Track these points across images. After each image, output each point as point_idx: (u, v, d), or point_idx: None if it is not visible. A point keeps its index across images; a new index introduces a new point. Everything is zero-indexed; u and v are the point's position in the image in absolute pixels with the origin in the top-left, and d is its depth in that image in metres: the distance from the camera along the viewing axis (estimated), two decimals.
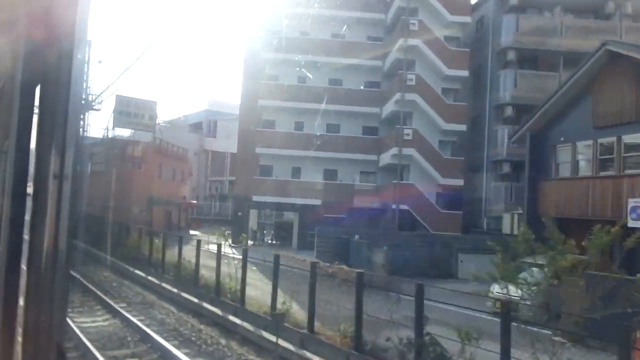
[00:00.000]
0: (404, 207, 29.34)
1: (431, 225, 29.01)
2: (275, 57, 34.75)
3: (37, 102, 1.27)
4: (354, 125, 35.35)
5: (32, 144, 1.27)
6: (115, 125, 39.57)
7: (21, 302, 1.23)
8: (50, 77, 1.20)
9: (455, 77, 30.95)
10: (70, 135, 1.17)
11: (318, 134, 34.61)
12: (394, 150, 29.98)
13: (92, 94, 36.05)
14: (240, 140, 35.58)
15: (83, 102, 36.77)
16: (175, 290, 16.75)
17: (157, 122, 42.33)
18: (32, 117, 1.25)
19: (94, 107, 36.26)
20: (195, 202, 53.37)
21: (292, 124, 35.49)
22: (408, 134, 29.44)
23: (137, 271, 20.43)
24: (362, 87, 35.70)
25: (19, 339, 1.22)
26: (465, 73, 30.25)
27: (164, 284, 17.82)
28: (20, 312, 1.23)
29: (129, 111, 39.99)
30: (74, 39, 1.18)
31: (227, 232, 37.17)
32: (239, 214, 34.60)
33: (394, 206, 29.16)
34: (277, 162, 34.94)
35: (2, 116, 1.67)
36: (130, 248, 23.64)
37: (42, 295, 1.17)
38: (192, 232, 47.00)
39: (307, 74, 35.59)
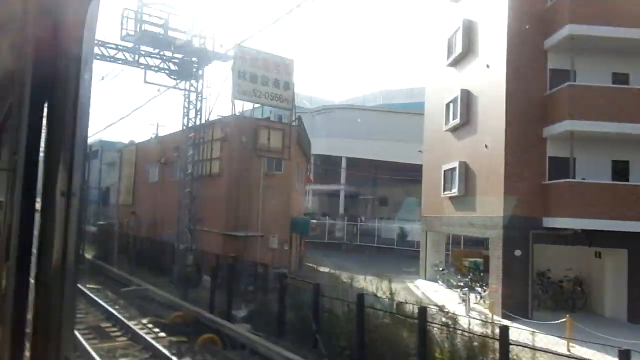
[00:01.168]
0: None
1: None
2: None
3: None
4: None
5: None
6: (234, 95, 22.46)
7: (29, 317, 1.21)
8: (58, 93, 1.19)
9: None
10: (78, 152, 1.17)
11: None
12: None
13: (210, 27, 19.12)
14: (511, 114, 18.22)
15: (201, 46, 20.02)
16: None
17: (294, 93, 25.24)
18: (40, 134, 1.22)
19: (219, 55, 19.30)
20: (315, 220, 35.98)
21: (607, 76, 18.37)
22: None
23: None
24: None
25: (27, 354, 1.19)
26: None
27: None
28: (28, 327, 1.21)
29: (254, 72, 22.92)
30: (80, 57, 1.17)
31: (479, 281, 19.76)
32: (517, 253, 17.38)
33: None
34: (581, 150, 17.85)
35: (11, 134, 1.67)
36: None
37: (50, 311, 1.15)
38: (320, 268, 30.00)
39: None
